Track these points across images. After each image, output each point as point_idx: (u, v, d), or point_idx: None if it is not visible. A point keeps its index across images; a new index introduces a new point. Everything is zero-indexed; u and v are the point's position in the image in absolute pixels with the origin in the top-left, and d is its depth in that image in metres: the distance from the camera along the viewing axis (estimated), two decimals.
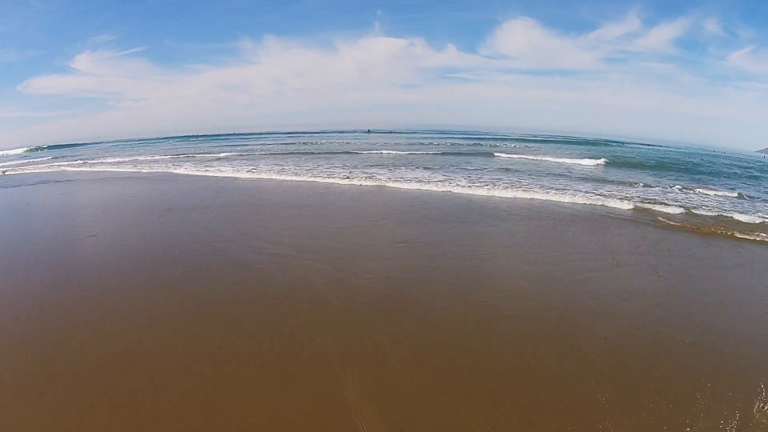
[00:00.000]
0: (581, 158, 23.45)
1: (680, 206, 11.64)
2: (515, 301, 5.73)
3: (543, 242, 8.51)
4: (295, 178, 16.64)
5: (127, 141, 50.67)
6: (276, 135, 53.58)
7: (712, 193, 14.22)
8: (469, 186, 13.80)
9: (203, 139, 50.58)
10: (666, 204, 11.82)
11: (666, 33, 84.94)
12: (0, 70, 72.23)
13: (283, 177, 16.96)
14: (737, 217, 10.78)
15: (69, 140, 48.87)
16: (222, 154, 28.47)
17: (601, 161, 22.62)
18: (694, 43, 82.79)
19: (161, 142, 45.74)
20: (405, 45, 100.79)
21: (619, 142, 42.16)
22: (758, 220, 10.46)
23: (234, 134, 58.31)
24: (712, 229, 9.69)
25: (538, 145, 33.29)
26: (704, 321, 5.38)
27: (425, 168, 19.23)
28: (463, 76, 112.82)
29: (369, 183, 14.83)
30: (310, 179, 16.13)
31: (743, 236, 9.26)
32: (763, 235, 9.34)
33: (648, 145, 43.64)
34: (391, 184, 14.40)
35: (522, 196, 12.62)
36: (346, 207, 11.75)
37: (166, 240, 8.78)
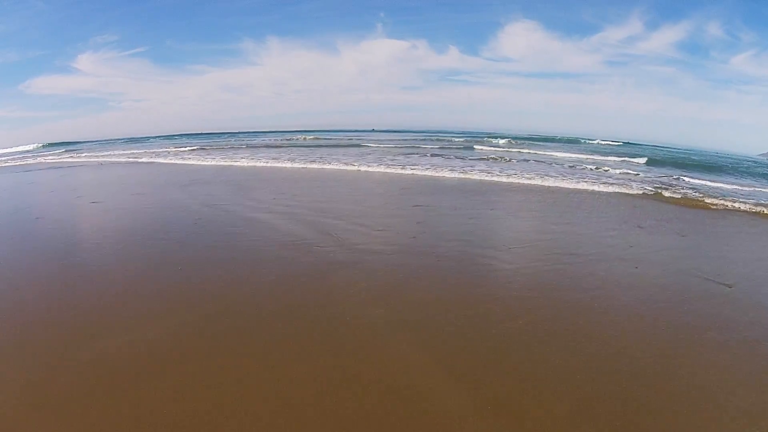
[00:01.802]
0: (620, 156, 21.63)
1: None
2: (539, 249, 5.56)
3: (561, 210, 8.37)
4: (299, 165, 16.51)
5: (128, 139, 51.15)
6: (279, 133, 53.80)
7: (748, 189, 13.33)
8: (488, 173, 13.53)
9: (204, 137, 50.83)
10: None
11: (668, 36, 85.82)
12: (1, 71, 73.05)
13: (288, 165, 16.81)
14: None
15: (70, 139, 49.60)
16: (227, 147, 28.37)
17: (643, 160, 20.55)
18: (696, 46, 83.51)
19: (163, 140, 45.83)
20: (407, 47, 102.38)
21: (628, 143, 42.25)
22: None
23: (238, 132, 58.97)
24: None
25: (544, 143, 33.12)
26: (740, 271, 5.22)
27: (433, 155, 19.19)
28: (465, 78, 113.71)
29: (375, 169, 14.67)
30: (316, 166, 15.99)
31: None
32: None
33: (657, 146, 43.64)
34: (397, 170, 14.25)
35: (542, 183, 12.46)
36: (356, 184, 11.64)
37: (176, 207, 8.69)
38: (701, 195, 10.53)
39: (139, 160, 20.70)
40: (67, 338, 3.13)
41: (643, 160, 20.41)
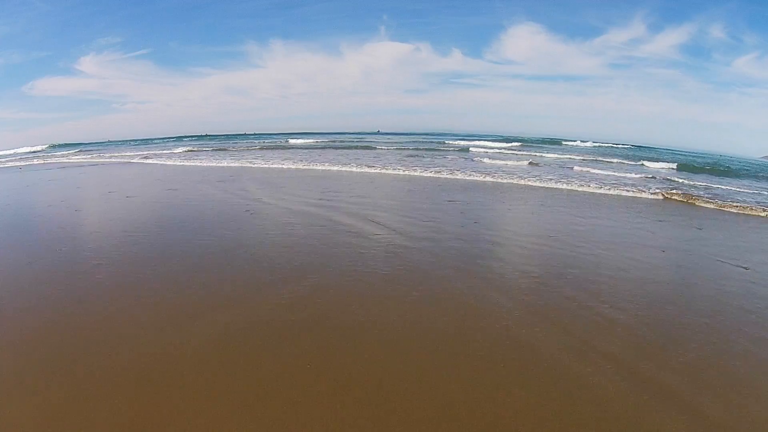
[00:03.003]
0: (652, 162, 21.40)
1: None
2: (578, 238, 6.36)
3: (587, 207, 9.21)
4: (322, 168, 17.24)
5: (140, 140, 52.32)
6: (284, 135, 54.61)
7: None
8: (508, 175, 14.39)
9: (210, 139, 51.63)
10: None
11: (671, 39, 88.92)
12: (5, 72, 75.02)
13: (311, 166, 17.56)
14: None
15: (73, 140, 50.62)
16: (236, 150, 29.04)
17: (673, 165, 20.28)
18: (699, 49, 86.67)
19: (173, 142, 46.40)
20: (410, 50, 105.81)
21: (638, 147, 43.52)
22: None
23: (244, 135, 60.21)
24: None
25: (553, 146, 34.05)
26: (753, 257, 6.03)
27: (453, 158, 20.05)
28: (469, 81, 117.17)
29: (398, 171, 15.41)
30: (339, 168, 16.73)
31: None
32: None
33: (661, 149, 44.96)
34: (418, 172, 15.05)
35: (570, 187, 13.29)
36: (386, 184, 12.41)
37: (218, 200, 9.40)
38: (721, 199, 11.42)
39: (155, 162, 21.37)
40: (147, 325, 3.84)
41: (664, 165, 20.24)
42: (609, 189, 11.86)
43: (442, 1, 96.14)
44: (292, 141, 37.38)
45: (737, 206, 10.33)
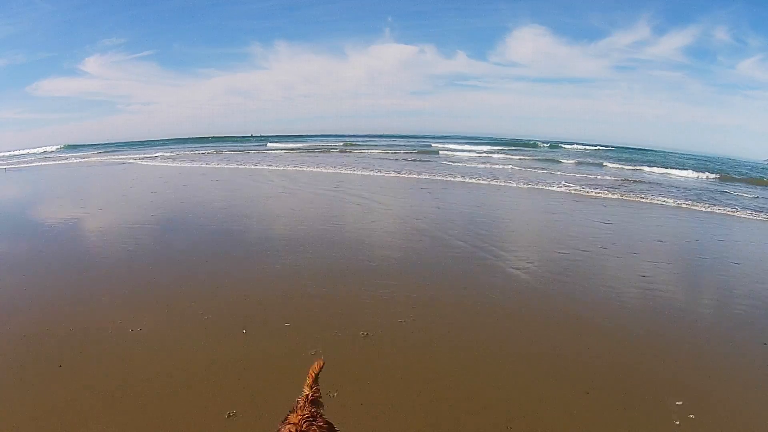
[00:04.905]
0: (685, 170, 21.78)
1: None
2: (497, 208, 9.86)
3: (526, 194, 12.67)
4: (331, 170, 20.93)
5: (150, 141, 55.90)
6: (289, 137, 57.72)
7: None
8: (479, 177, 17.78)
9: (216, 141, 54.65)
10: None
11: (676, 41, 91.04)
12: (9, 72, 79.87)
13: (320, 169, 21.25)
14: None
15: (75, 141, 54.30)
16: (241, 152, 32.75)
17: (714, 175, 20.25)
18: (703, 51, 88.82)
19: (178, 144, 49.54)
20: (415, 52, 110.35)
21: (649, 151, 45.15)
22: None
23: (251, 135, 63.86)
24: None
25: (556, 150, 36.29)
26: (621, 219, 9.40)
27: (453, 162, 23.60)
28: (473, 83, 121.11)
29: (385, 174, 19.04)
30: (345, 171, 20.41)
31: None
32: None
33: (680, 153, 46.11)
34: (403, 174, 18.66)
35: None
36: (377, 181, 16.07)
37: (253, 186, 13.14)
38: None
39: (177, 164, 25.20)
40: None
41: (713, 174, 20.07)
42: (558, 185, 15.26)
43: (446, 3, 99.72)
44: (294, 144, 40.96)
45: (661, 198, 13.60)
